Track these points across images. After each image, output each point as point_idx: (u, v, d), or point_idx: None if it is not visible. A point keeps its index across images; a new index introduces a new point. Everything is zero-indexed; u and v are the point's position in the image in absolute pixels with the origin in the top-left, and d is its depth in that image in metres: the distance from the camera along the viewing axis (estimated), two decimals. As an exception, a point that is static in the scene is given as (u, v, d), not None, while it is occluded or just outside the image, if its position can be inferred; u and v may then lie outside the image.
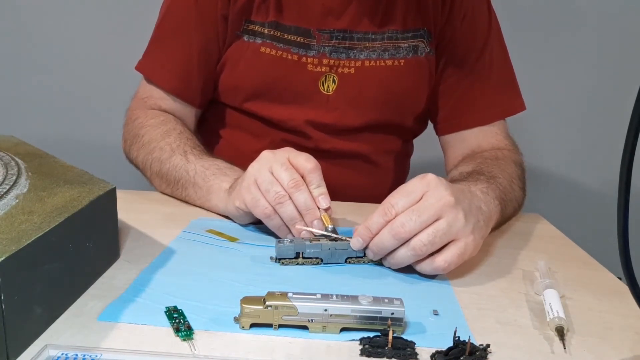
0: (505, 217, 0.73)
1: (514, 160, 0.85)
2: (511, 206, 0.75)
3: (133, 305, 0.50)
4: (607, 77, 1.56)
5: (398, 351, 0.44)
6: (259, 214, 0.64)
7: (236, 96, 0.92)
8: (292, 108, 0.90)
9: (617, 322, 0.52)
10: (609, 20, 1.53)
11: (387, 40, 0.89)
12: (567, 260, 0.67)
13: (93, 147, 1.51)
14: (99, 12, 1.55)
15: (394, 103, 0.91)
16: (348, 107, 0.90)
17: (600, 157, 1.60)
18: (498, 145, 0.90)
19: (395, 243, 0.57)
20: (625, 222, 0.38)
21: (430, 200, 0.57)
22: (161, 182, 0.82)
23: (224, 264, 0.60)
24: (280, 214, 0.63)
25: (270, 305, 0.46)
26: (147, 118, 0.88)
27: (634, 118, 0.35)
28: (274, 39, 0.87)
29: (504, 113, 0.93)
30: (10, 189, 0.50)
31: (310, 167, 0.64)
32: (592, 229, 1.46)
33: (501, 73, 0.93)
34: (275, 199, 0.62)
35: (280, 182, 0.63)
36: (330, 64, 0.88)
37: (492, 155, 0.84)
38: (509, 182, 0.76)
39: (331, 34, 0.87)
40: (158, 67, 0.91)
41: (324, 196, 0.64)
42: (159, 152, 0.82)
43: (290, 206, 0.63)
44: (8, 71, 1.61)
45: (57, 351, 0.42)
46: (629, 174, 0.37)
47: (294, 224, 0.63)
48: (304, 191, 0.63)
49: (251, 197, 0.64)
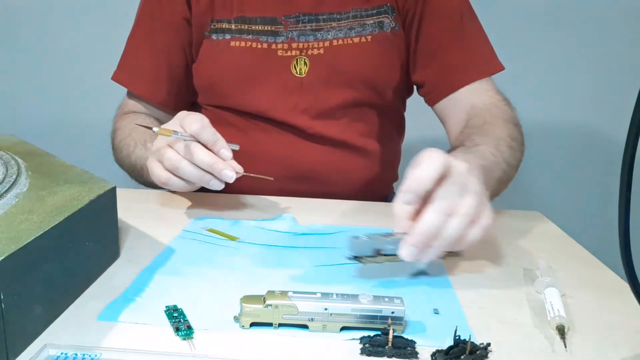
0: (492, 180, 0.72)
1: (505, 119, 0.85)
2: (498, 169, 0.75)
3: (133, 305, 0.50)
4: (609, 74, 1.56)
5: (398, 350, 0.44)
6: (157, 182, 0.70)
7: (214, 94, 0.94)
8: (269, 97, 0.91)
9: (618, 320, 0.52)
10: (610, 19, 1.52)
11: (352, 19, 0.91)
12: (568, 258, 0.67)
13: (93, 147, 1.51)
14: (100, 5, 1.55)
15: (366, 78, 0.92)
16: (322, 88, 0.91)
17: (602, 155, 1.60)
18: (490, 102, 0.90)
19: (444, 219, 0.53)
20: (627, 220, 0.38)
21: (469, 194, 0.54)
22: (135, 175, 0.87)
23: (224, 263, 0.60)
24: (180, 176, 0.67)
25: (271, 304, 0.46)
26: (121, 122, 0.94)
27: (636, 116, 0.35)
28: (242, 32, 0.90)
29: (488, 71, 0.93)
30: (10, 188, 0.50)
31: (196, 128, 0.67)
32: (593, 227, 1.46)
33: (475, 34, 0.94)
34: (170, 164, 0.67)
35: (176, 149, 0.68)
36: (299, 47, 0.90)
37: (479, 122, 0.84)
38: (495, 146, 0.76)
39: (297, 18, 0.90)
40: (129, 75, 0.96)
41: (223, 150, 0.67)
42: (126, 148, 0.87)
43: (187, 166, 0.66)
44: (8, 69, 1.61)
45: (57, 350, 0.42)
46: (630, 171, 0.37)
47: (198, 180, 0.67)
48: (198, 150, 0.66)
49: (149, 168, 0.70)
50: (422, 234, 0.52)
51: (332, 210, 0.80)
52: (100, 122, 1.10)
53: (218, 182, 0.68)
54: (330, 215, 0.78)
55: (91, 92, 1.60)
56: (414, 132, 1.11)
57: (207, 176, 0.67)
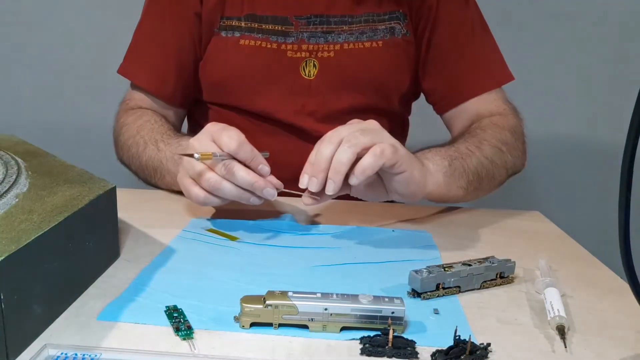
0: (463, 169, 0.76)
1: (502, 126, 0.86)
2: (474, 161, 0.77)
3: (133, 305, 0.50)
4: (609, 74, 1.56)
5: (398, 350, 0.43)
6: (194, 202, 0.67)
7: (220, 92, 0.93)
8: (276, 98, 0.90)
9: (618, 320, 0.52)
10: (612, 18, 1.52)
11: (364, 23, 0.90)
12: (568, 258, 0.67)
13: (93, 147, 1.51)
14: (102, 5, 1.55)
15: (376, 84, 0.92)
16: (331, 91, 0.91)
17: (602, 154, 1.60)
18: (497, 111, 0.90)
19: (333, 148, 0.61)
20: (627, 220, 0.38)
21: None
22: (145, 176, 0.85)
23: (224, 263, 0.60)
24: (220, 196, 0.65)
25: (271, 305, 0.46)
26: (127, 117, 0.90)
27: (636, 116, 0.35)
28: (252, 30, 0.89)
29: (497, 82, 0.93)
30: (10, 188, 0.50)
31: (234, 146, 0.64)
32: (593, 227, 1.46)
33: (486, 45, 0.94)
34: (209, 185, 0.64)
35: (215, 170, 0.65)
36: (309, 49, 0.89)
37: (473, 127, 0.86)
38: (475, 144, 0.79)
39: (308, 19, 0.89)
40: (136, 68, 0.94)
41: (262, 165, 0.65)
42: (135, 147, 0.84)
43: (227, 187, 0.64)
44: (8, 69, 1.61)
45: (57, 350, 0.41)
46: (630, 171, 0.37)
47: (239, 199, 0.65)
48: (238, 169, 0.64)
49: (184, 188, 0.67)
50: (316, 163, 0.62)
51: (332, 211, 0.80)
52: (101, 122, 1.10)
53: (257, 200, 0.66)
54: (331, 215, 0.78)
55: (92, 92, 1.60)
56: (417, 135, 1.10)
57: (247, 194, 0.65)
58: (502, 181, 0.84)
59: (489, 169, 0.79)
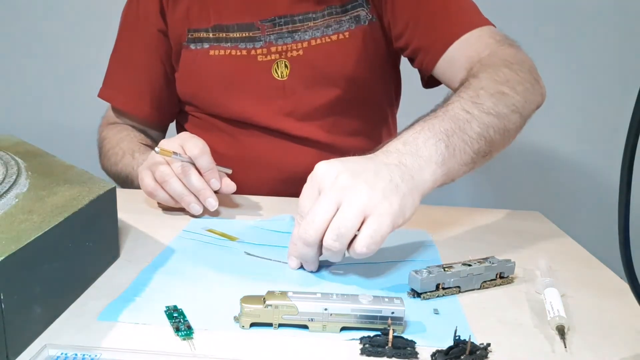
0: (467, 139, 0.64)
1: (495, 63, 0.77)
2: (475, 125, 0.64)
3: (133, 305, 0.50)
4: (609, 74, 1.56)
5: (398, 350, 0.43)
6: (144, 190, 0.73)
7: (198, 103, 0.96)
8: (252, 103, 0.92)
9: (618, 320, 0.52)
10: (611, 18, 1.52)
11: (328, 17, 0.90)
12: (567, 258, 0.67)
13: (93, 147, 1.51)
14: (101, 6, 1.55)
15: (349, 75, 0.92)
16: (305, 89, 0.91)
17: (602, 155, 1.60)
18: (486, 48, 0.82)
19: (309, 251, 0.55)
20: (627, 220, 0.38)
21: (323, 193, 0.54)
22: (120, 183, 0.90)
23: (224, 264, 0.60)
24: (167, 190, 0.71)
25: (271, 305, 0.46)
26: (108, 131, 0.98)
27: (636, 116, 0.35)
28: (220, 40, 0.91)
29: (475, 23, 0.86)
30: (10, 188, 0.50)
31: (197, 152, 0.70)
32: (593, 227, 1.46)
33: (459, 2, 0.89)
34: (160, 176, 0.70)
35: (171, 166, 0.71)
36: (278, 51, 0.90)
37: (468, 78, 0.75)
38: (471, 99, 0.67)
39: (273, 21, 0.90)
40: (114, 92, 1.00)
41: (214, 180, 0.72)
42: (114, 157, 0.91)
43: (175, 183, 0.70)
44: (8, 69, 1.61)
45: (57, 351, 0.41)
46: (630, 171, 0.37)
47: (181, 199, 0.71)
48: (193, 173, 0.71)
49: (140, 176, 0.74)
50: (292, 242, 0.58)
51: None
52: (100, 123, 1.11)
53: (198, 207, 0.71)
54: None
55: (91, 92, 1.59)
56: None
57: (191, 197, 0.71)
58: (519, 127, 0.73)
59: (496, 126, 0.67)
